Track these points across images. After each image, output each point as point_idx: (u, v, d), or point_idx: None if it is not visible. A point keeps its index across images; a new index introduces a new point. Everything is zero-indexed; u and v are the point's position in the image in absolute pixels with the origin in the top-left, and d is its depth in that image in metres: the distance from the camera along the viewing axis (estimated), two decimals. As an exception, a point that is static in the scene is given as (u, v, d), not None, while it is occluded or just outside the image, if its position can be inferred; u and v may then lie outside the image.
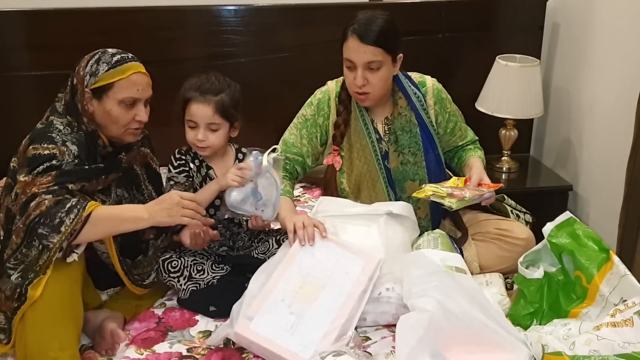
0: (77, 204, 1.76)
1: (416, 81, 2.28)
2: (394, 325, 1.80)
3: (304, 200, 2.78)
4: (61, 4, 2.89)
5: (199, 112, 2.04)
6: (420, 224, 2.22)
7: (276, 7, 3.00)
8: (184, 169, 2.11)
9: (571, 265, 1.91)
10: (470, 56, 3.14)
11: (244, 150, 2.18)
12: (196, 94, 2.04)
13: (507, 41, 3.11)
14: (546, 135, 3.31)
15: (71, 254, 1.77)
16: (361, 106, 2.23)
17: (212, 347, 1.86)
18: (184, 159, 2.12)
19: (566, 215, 1.97)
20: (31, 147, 1.82)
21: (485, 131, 2.50)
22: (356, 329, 1.91)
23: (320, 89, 2.31)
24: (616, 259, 1.82)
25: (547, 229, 1.97)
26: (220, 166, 2.14)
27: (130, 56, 1.93)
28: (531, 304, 1.93)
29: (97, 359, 1.82)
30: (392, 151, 2.25)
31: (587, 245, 1.88)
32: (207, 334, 1.93)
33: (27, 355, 1.71)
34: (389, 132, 2.25)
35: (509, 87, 2.92)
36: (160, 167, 2.21)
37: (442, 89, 2.31)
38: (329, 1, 3.06)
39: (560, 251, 1.93)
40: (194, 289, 2.03)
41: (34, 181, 1.77)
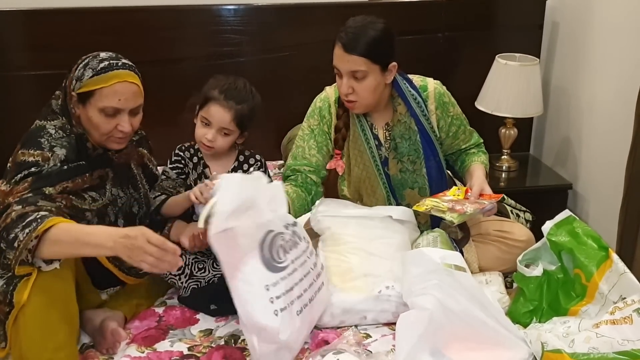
0: (37, 219, 1.65)
1: (417, 85, 2.22)
2: (394, 323, 1.81)
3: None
4: (61, 3, 2.89)
5: (217, 115, 2.04)
6: (420, 230, 2.21)
7: (276, 7, 3.00)
8: (178, 165, 2.13)
9: (570, 263, 1.91)
10: (469, 55, 3.14)
11: (246, 153, 2.18)
12: (220, 97, 2.03)
13: (507, 40, 3.11)
14: (546, 134, 3.31)
15: (52, 262, 1.70)
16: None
17: (212, 345, 1.87)
18: (182, 155, 2.13)
19: (565, 213, 1.97)
20: (20, 153, 1.81)
21: (485, 130, 2.49)
22: (356, 326, 1.92)
23: (319, 96, 2.27)
24: (615, 257, 1.82)
25: (547, 227, 1.97)
26: (216, 166, 2.15)
27: (121, 63, 1.85)
28: (531, 302, 1.94)
29: (98, 358, 1.82)
30: (391, 158, 2.23)
31: (586, 243, 1.89)
32: (208, 332, 1.94)
33: (22, 358, 1.69)
34: (389, 139, 2.22)
35: (509, 86, 2.92)
36: (158, 168, 2.20)
37: (445, 92, 2.25)
38: (329, 1, 3.06)
39: (559, 249, 1.93)
40: (195, 287, 2.03)
41: (12, 190, 1.74)
